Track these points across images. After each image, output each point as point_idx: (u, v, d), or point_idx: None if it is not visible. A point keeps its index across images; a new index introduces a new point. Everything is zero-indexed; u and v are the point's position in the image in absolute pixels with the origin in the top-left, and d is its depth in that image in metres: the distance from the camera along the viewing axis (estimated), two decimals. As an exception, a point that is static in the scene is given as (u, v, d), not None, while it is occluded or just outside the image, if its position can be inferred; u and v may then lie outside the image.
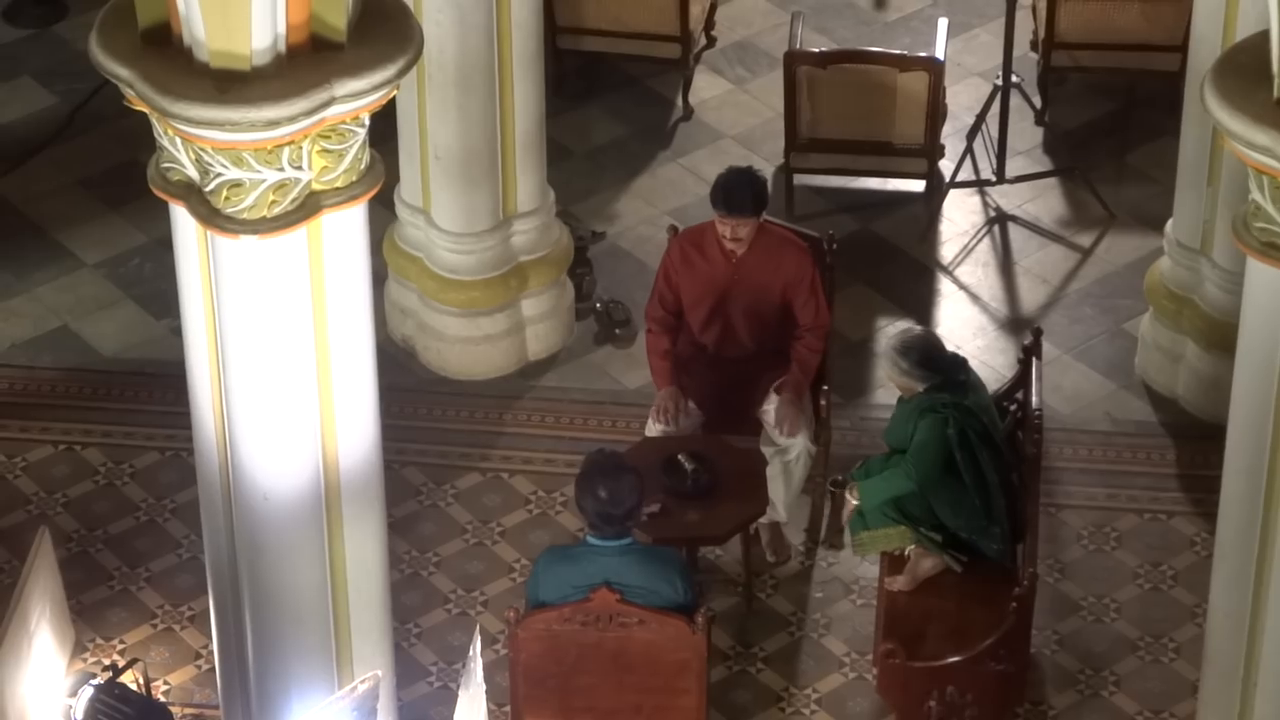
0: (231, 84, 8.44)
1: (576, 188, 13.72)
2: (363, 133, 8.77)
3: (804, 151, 13.71)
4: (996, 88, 13.91)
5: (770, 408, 11.78)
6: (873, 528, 11.07)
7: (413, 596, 11.64)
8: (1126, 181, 13.93)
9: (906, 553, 11.12)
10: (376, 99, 8.67)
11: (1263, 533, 9.12)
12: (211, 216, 8.71)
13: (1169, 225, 12.59)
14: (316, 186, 8.71)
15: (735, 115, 14.56)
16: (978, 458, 10.92)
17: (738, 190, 11.56)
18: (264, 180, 8.60)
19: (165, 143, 8.74)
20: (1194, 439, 12.25)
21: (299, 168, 8.64)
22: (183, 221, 8.91)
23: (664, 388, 11.81)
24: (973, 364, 11.69)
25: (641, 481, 10.48)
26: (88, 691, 11.02)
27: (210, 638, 10.20)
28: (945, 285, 13.52)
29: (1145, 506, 12.23)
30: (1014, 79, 13.91)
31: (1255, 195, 8.56)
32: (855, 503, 11.17)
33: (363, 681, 9.49)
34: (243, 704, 9.96)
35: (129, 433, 12.62)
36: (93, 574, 11.86)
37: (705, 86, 14.74)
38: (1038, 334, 12.09)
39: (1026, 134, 14.21)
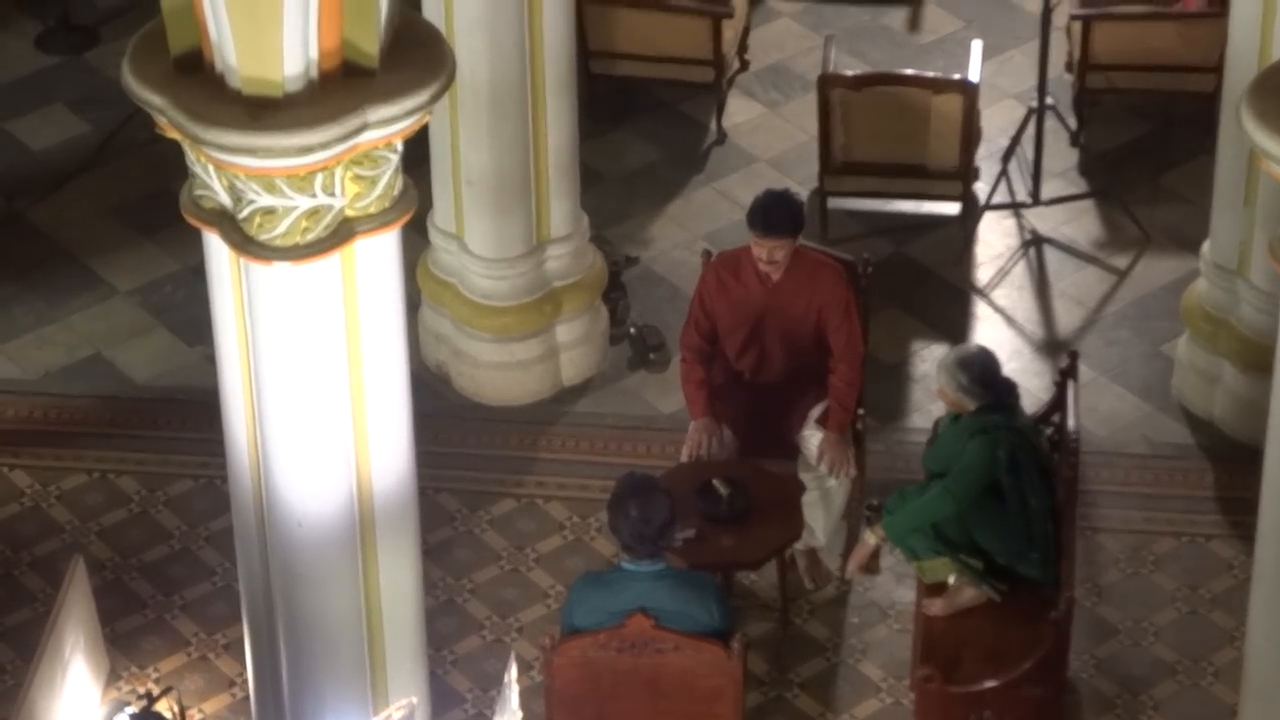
0: (264, 111, 8.47)
1: (610, 212, 13.74)
2: (395, 159, 8.79)
3: (838, 175, 13.72)
4: (1031, 110, 13.92)
5: (810, 436, 11.78)
6: (922, 558, 11.08)
7: (447, 623, 11.63)
8: (1162, 203, 13.94)
9: (949, 580, 11.12)
10: (409, 125, 8.69)
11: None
12: (244, 243, 8.74)
13: (1205, 247, 12.57)
14: (349, 213, 8.74)
15: (769, 139, 14.58)
16: (1022, 482, 10.93)
17: (775, 210, 11.57)
18: (297, 207, 8.63)
19: (198, 170, 8.78)
20: (1231, 462, 12.23)
21: (332, 194, 8.66)
22: (216, 248, 8.94)
23: (699, 418, 11.80)
24: (1028, 392, 11.71)
25: (673, 500, 10.49)
26: (123, 718, 11.08)
27: (245, 666, 10.22)
28: (981, 308, 13.52)
29: (1183, 530, 12.21)
30: (1049, 101, 13.92)
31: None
32: (874, 543, 11.22)
33: (397, 709, 9.52)
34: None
35: (163, 460, 12.64)
36: (127, 602, 11.88)
37: (738, 110, 14.76)
38: (1074, 356, 12.08)
39: (1062, 156, 14.21)
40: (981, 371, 10.94)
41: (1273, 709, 9.51)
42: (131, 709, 11.06)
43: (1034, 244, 13.83)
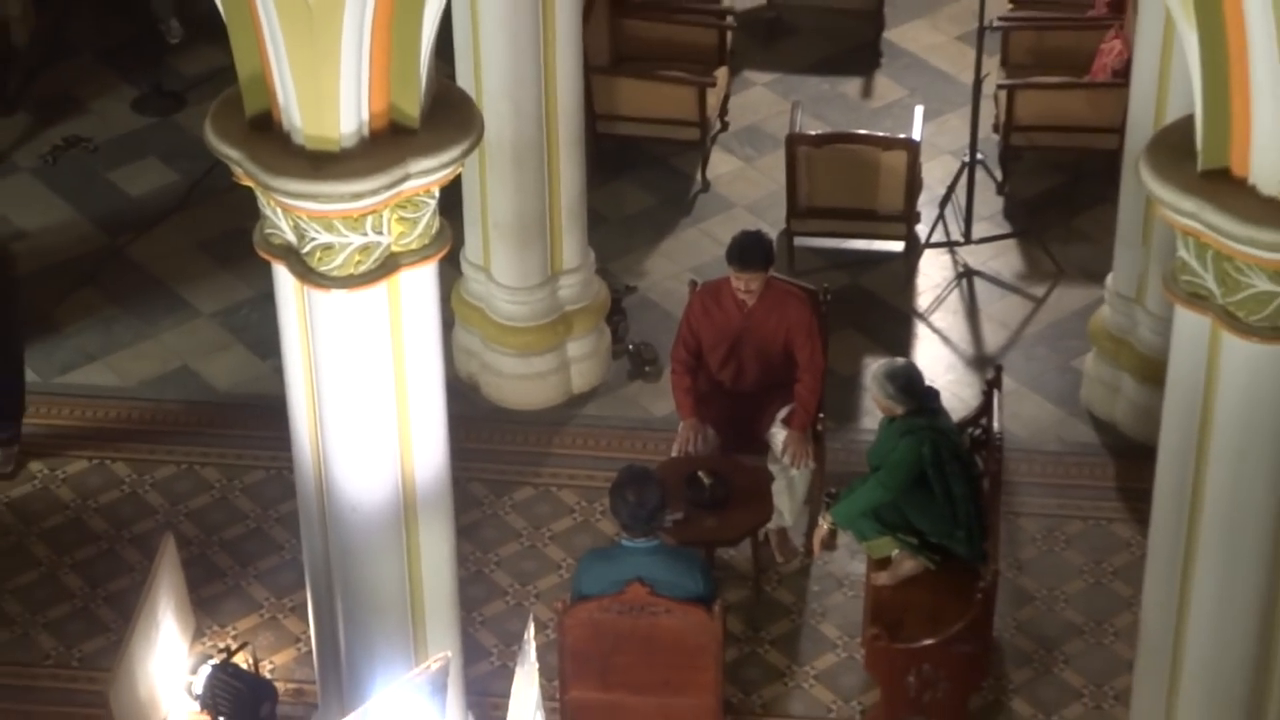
0: (323, 163, 8.47)
1: (612, 249, 13.71)
2: (433, 203, 8.79)
3: (803, 218, 13.69)
4: (964, 164, 13.93)
5: (777, 434, 11.78)
6: (867, 539, 11.09)
7: (476, 590, 11.62)
8: (1073, 242, 13.91)
9: (891, 555, 11.11)
10: (445, 175, 8.70)
11: (1188, 535, 9.10)
12: (307, 274, 8.74)
13: (1109, 279, 12.58)
14: (395, 248, 8.73)
15: (745, 188, 14.55)
16: (946, 472, 10.93)
17: (750, 248, 11.59)
18: (351, 243, 8.62)
19: (268, 212, 8.77)
20: (1130, 458, 12.22)
21: (380, 233, 8.66)
22: (283, 278, 8.93)
23: (686, 419, 11.81)
24: (944, 395, 11.70)
25: (664, 488, 10.56)
26: (206, 670, 11.05)
27: (308, 625, 10.20)
28: (921, 330, 13.49)
29: (1089, 514, 12.21)
30: (979, 156, 13.94)
31: (1182, 253, 8.55)
32: (828, 526, 11.22)
33: (435, 661, 9.47)
34: (335, 681, 9.98)
35: (239, 454, 12.63)
36: (209, 572, 11.88)
37: (719, 164, 14.73)
38: (998, 370, 12.10)
39: (989, 202, 14.18)
40: (906, 382, 10.98)
41: (1162, 661, 9.48)
42: (214, 660, 11.06)
43: (966, 276, 13.81)
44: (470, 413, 12.28)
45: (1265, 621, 9.22)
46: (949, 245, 13.92)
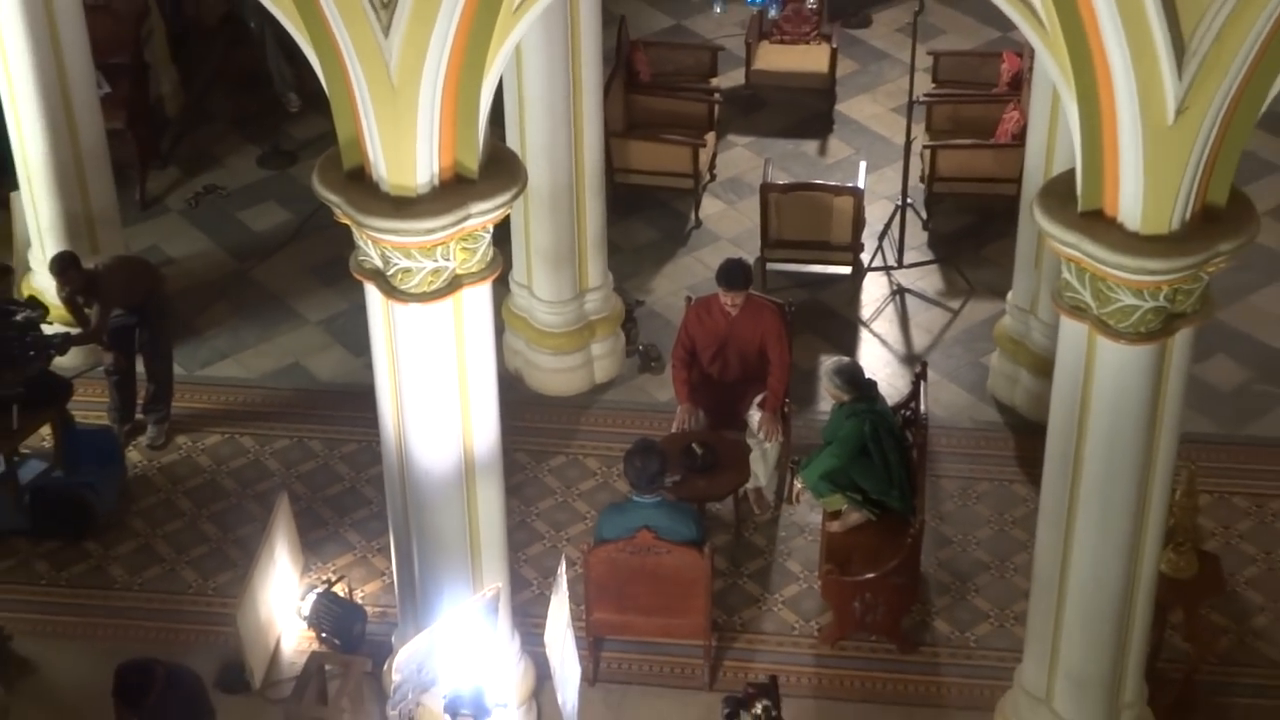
0: (404, 206, 8.50)
1: (625, 271, 13.68)
2: (489, 236, 8.82)
3: (773, 248, 13.65)
4: (897, 206, 13.90)
5: (754, 415, 11.77)
6: (822, 495, 11.08)
7: (521, 535, 11.62)
8: (982, 266, 13.89)
9: (841, 509, 11.11)
10: (498, 215, 8.74)
11: (1070, 494, 9.11)
12: (391, 291, 8.76)
13: (1010, 294, 12.55)
14: (459, 271, 8.75)
15: (728, 225, 14.52)
16: (883, 445, 10.95)
17: (734, 274, 11.60)
18: (425, 268, 8.65)
19: (361, 243, 8.79)
20: (1026, 433, 12.19)
21: (447, 259, 8.68)
22: (372, 294, 8.94)
23: (683, 403, 11.82)
24: (881, 385, 11.74)
25: (665, 457, 10.62)
26: (312, 597, 11.08)
27: (391, 563, 10.20)
28: (864, 334, 13.47)
29: (994, 477, 12.20)
30: (909, 201, 13.91)
31: (1066, 275, 8.56)
32: (800, 486, 11.23)
33: (489, 590, 9.49)
34: (411, 605, 9.98)
35: (338, 430, 12.63)
36: (315, 521, 11.89)
37: (709, 206, 14.71)
38: (924, 366, 12.11)
39: (917, 236, 14.15)
40: (851, 376, 11.04)
41: (1050, 590, 9.48)
42: (319, 589, 11.07)
43: (899, 293, 13.78)
44: (516, 398, 12.28)
45: (1129, 559, 9.24)
46: (885, 269, 13.87)
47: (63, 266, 11.89)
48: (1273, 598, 11.29)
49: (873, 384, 11.30)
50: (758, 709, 9.06)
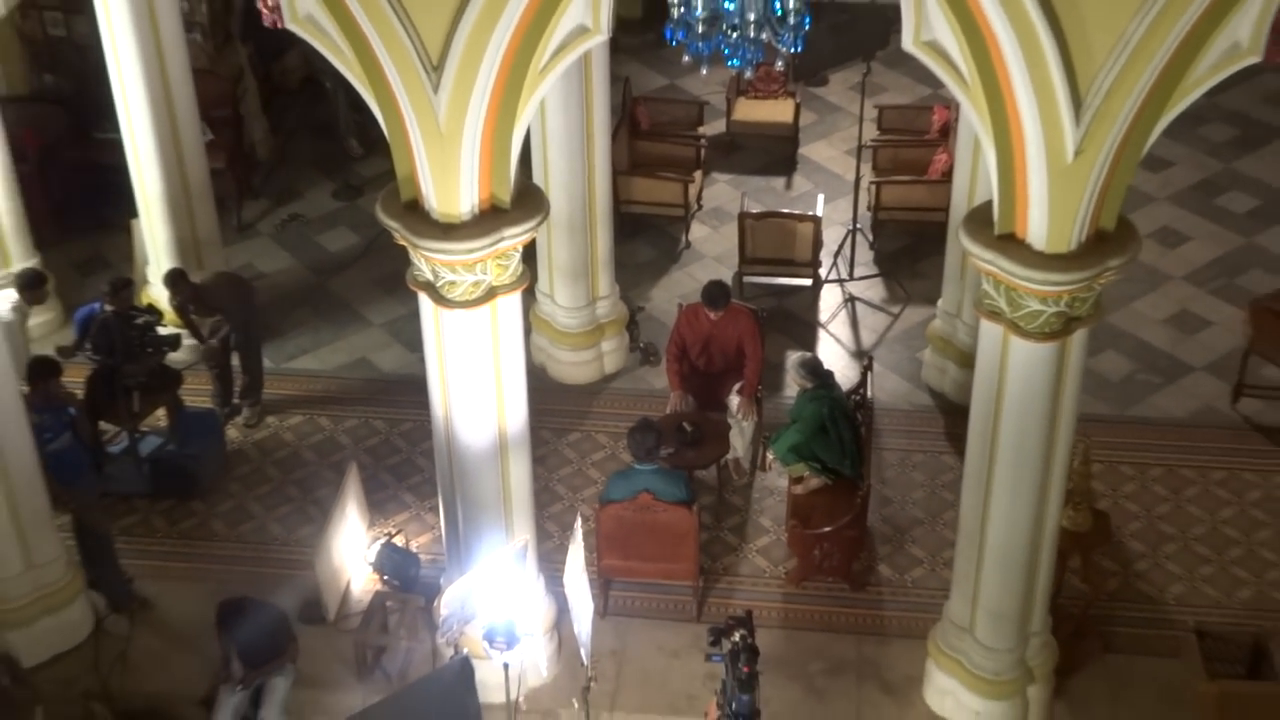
0: (450, 230, 8.51)
1: (629, 283, 13.65)
2: (519, 255, 8.83)
3: (749, 264, 13.62)
4: (849, 230, 13.89)
5: (733, 399, 11.76)
6: (789, 464, 11.10)
7: (544, 497, 11.60)
8: (917, 279, 13.87)
9: (804, 475, 11.12)
10: (526, 237, 8.75)
11: (989, 463, 9.12)
12: (439, 299, 8.77)
13: (940, 301, 12.55)
14: (494, 283, 8.76)
15: (712, 246, 14.49)
16: (838, 424, 10.97)
17: (715, 297, 11.64)
18: (467, 280, 8.66)
19: (415, 260, 8.80)
20: (953, 415, 12.19)
21: (485, 274, 8.69)
22: (425, 302, 8.94)
23: (675, 390, 11.81)
24: (837, 375, 11.75)
25: (660, 432, 10.67)
26: (376, 546, 11.08)
27: (440, 519, 10.20)
28: (822, 335, 13.44)
29: (927, 449, 12.18)
30: (858, 226, 13.91)
31: (985, 286, 8.56)
32: (771, 456, 11.28)
33: (518, 541, 9.51)
34: (456, 553, 9.96)
35: (397, 413, 12.62)
36: (378, 486, 11.89)
37: (697, 231, 14.68)
38: (870, 359, 12.16)
39: (864, 254, 14.11)
40: (811, 367, 11.11)
41: (973, 542, 9.48)
42: (381, 540, 11.07)
43: (850, 301, 13.75)
44: (540, 386, 12.26)
45: (1036, 515, 9.25)
46: (839, 281, 13.86)
47: (174, 280, 12.00)
48: (1151, 546, 11.32)
49: (830, 374, 11.33)
50: (736, 637, 9.04)
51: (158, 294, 12.74)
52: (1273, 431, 12.18)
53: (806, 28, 7.30)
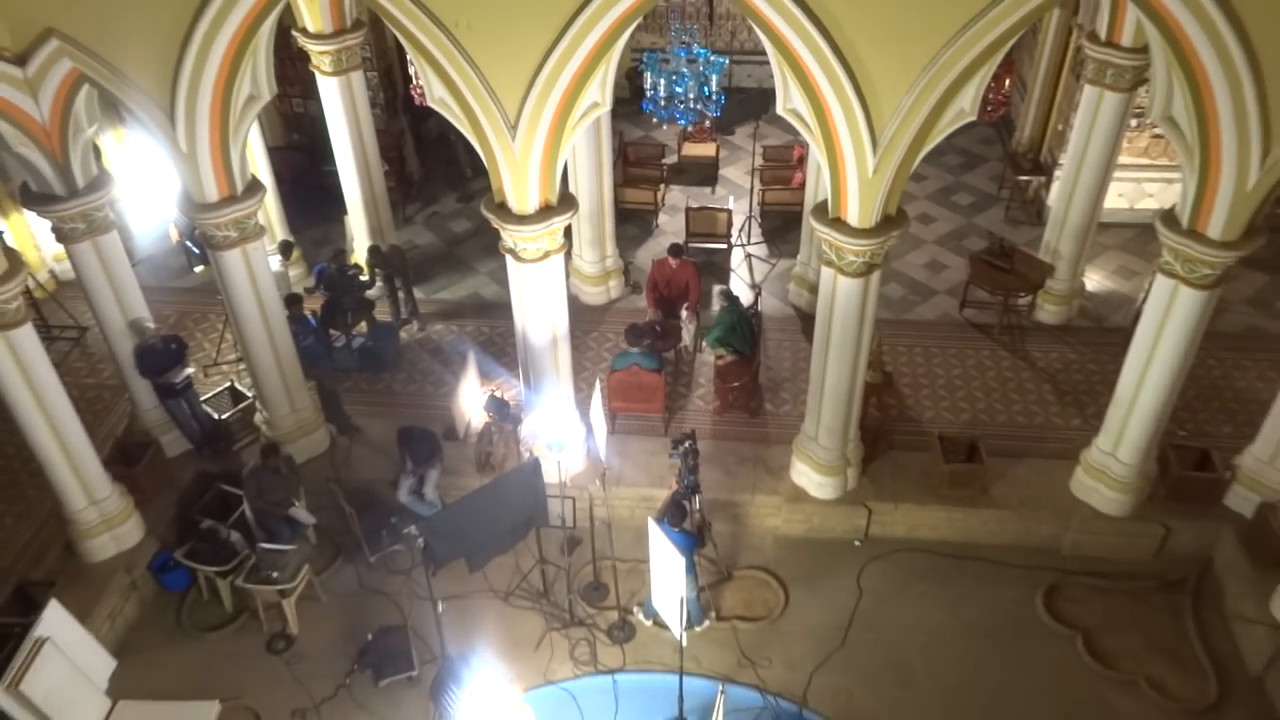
0: (523, 219, 8.45)
1: (624, 248, 13.45)
2: (561, 231, 8.74)
3: (691, 237, 13.41)
4: (747, 217, 13.75)
5: (684, 313, 11.66)
6: (715, 348, 10.99)
7: (577, 368, 11.45)
8: (786, 244, 13.68)
9: (723, 354, 11.04)
10: (564, 223, 8.67)
11: (826, 345, 9.13)
12: (517, 259, 8.74)
13: (799, 256, 12.43)
14: (549, 249, 8.73)
15: (671, 227, 14.24)
16: (742, 325, 10.88)
17: (676, 250, 11.50)
18: (532, 247, 8.60)
19: (504, 236, 8.73)
20: (807, 320, 12.05)
21: (542, 243, 8.64)
22: (509, 260, 8.90)
23: (651, 308, 11.69)
24: (742, 298, 11.60)
25: (642, 330, 10.47)
26: (486, 396, 10.95)
27: (520, 381, 10.06)
28: (733, 276, 13.25)
29: (795, 340, 12.01)
30: (752, 214, 13.77)
31: (823, 246, 8.57)
32: (704, 343, 11.17)
33: (564, 391, 9.45)
34: (530, 400, 9.84)
35: (494, 324, 12.37)
36: (486, 363, 11.64)
37: (662, 218, 14.44)
38: (759, 289, 12.08)
39: (757, 232, 13.91)
40: (727, 293, 11.01)
41: (817, 389, 9.50)
42: (489, 393, 10.78)
43: (748, 257, 13.55)
44: (575, 306, 12.17)
45: (852, 374, 9.24)
46: (742, 245, 13.68)
47: (370, 250, 11.95)
48: (914, 391, 11.27)
49: (737, 298, 11.19)
50: (686, 444, 9.15)
51: (359, 257, 12.63)
52: (983, 327, 12.14)
53: (723, 102, 7.33)
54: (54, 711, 7.83)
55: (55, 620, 8.10)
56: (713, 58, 9.73)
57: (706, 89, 8.06)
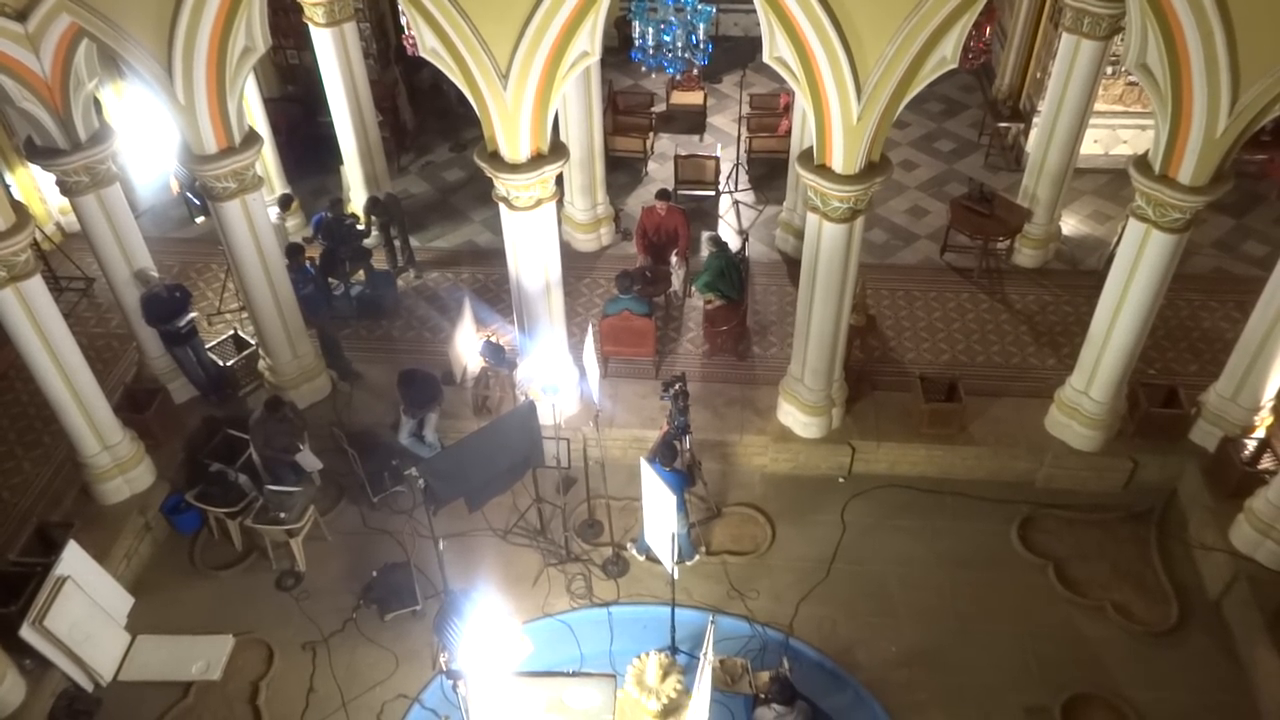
0: (515, 167, 8.40)
1: (615, 196, 13.42)
2: (553, 179, 8.70)
3: (680, 184, 13.37)
4: (735, 164, 13.70)
5: (674, 259, 11.62)
6: (704, 293, 11.00)
7: (570, 313, 11.46)
8: (774, 190, 13.62)
9: (712, 299, 11.05)
10: (557, 170, 8.62)
11: (812, 288, 9.16)
12: (510, 206, 8.70)
13: (785, 203, 12.37)
14: (540, 196, 8.69)
15: (661, 174, 14.18)
16: (730, 270, 10.89)
17: (665, 194, 11.44)
18: (525, 195, 8.57)
19: (496, 184, 8.69)
20: (793, 265, 12.05)
21: (534, 191, 8.61)
22: (503, 208, 8.88)
23: (641, 254, 11.65)
24: (730, 244, 11.61)
25: (633, 276, 10.46)
26: (482, 341, 10.98)
27: (515, 327, 10.09)
28: (721, 222, 13.22)
29: (782, 285, 11.98)
30: (740, 161, 13.70)
31: (809, 193, 8.56)
32: (693, 288, 11.17)
33: (558, 335, 9.47)
34: (525, 345, 9.89)
35: (489, 269, 12.31)
36: (481, 309, 11.67)
37: (652, 165, 14.38)
38: (746, 235, 12.06)
39: (744, 179, 13.88)
40: (715, 239, 10.98)
41: (803, 332, 9.55)
42: (485, 338, 10.88)
43: (736, 204, 13.51)
44: (567, 252, 12.19)
45: (837, 317, 9.29)
46: (730, 193, 13.64)
47: (368, 199, 11.88)
48: (897, 334, 11.32)
49: (726, 244, 11.19)
50: (676, 386, 9.21)
51: (356, 207, 12.53)
52: (963, 270, 12.16)
53: (710, 50, 7.25)
54: (77, 646, 7.99)
55: (74, 560, 8.24)
56: (700, 6, 9.63)
57: (694, 37, 7.96)
